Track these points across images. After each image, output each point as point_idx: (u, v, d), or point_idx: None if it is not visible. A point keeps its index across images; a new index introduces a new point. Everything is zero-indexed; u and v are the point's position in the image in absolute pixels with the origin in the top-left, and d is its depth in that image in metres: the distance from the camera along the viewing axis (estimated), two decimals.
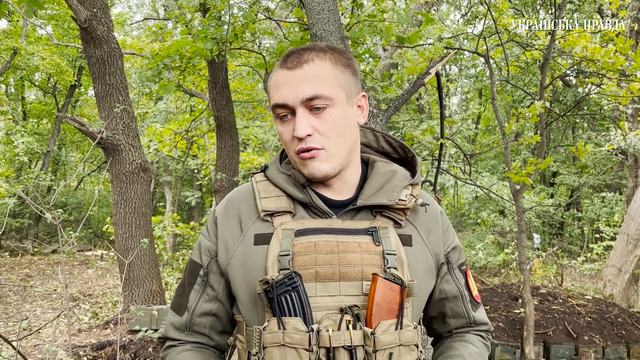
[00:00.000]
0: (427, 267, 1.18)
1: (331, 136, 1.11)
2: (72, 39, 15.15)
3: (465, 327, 1.29)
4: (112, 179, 6.17)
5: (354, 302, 1.06)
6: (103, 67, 5.94)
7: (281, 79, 1.12)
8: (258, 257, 1.12)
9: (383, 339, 1.03)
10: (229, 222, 1.19)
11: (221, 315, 1.22)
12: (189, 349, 1.21)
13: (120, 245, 6.10)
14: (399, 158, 1.30)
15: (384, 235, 1.12)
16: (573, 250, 13.46)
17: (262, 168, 1.25)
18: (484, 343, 1.29)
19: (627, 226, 7.83)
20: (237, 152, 7.77)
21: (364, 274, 1.07)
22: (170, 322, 1.24)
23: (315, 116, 1.10)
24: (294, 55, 1.14)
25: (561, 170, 14.81)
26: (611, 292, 7.66)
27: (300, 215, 1.15)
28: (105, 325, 6.06)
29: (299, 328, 1.03)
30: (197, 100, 9.51)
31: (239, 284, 1.15)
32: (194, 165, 12.57)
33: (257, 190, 1.19)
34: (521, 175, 3.87)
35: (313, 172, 1.12)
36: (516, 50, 10.32)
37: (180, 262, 9.64)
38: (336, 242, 1.10)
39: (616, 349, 5.04)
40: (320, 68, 1.12)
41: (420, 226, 1.20)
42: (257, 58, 9.10)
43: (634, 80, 4.81)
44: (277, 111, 1.13)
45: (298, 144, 1.11)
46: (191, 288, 1.22)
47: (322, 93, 1.09)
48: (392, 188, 1.16)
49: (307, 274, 1.07)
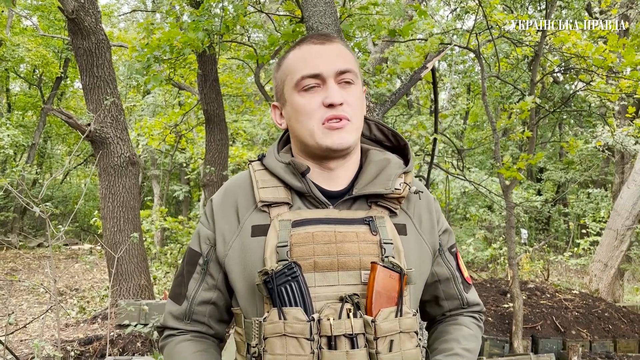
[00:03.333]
0: (422, 254, 1.19)
1: (357, 110, 1.15)
2: (58, 30, 14.94)
3: (458, 309, 1.31)
4: (100, 172, 6.10)
5: (353, 291, 1.07)
6: (91, 59, 5.86)
7: (310, 52, 1.16)
8: (255, 248, 1.11)
9: (384, 327, 1.04)
10: (226, 213, 1.18)
11: (220, 304, 1.21)
12: (188, 338, 1.21)
13: (109, 239, 6.04)
14: (391, 146, 1.30)
15: (380, 224, 1.13)
16: (559, 245, 13.60)
17: (260, 156, 1.24)
18: (477, 324, 1.30)
19: (614, 222, 7.92)
20: (227, 146, 7.72)
21: (362, 263, 1.08)
22: (168, 311, 1.23)
23: (344, 89, 1.14)
24: (319, 34, 1.20)
25: (548, 166, 14.94)
26: (597, 287, 7.75)
27: (297, 205, 1.15)
28: (93, 320, 6.01)
29: (299, 318, 1.03)
30: (186, 94, 9.43)
31: (236, 275, 1.14)
32: (182, 159, 12.48)
33: (255, 180, 1.18)
34: (513, 171, 3.89)
35: (340, 141, 1.13)
36: (505, 46, 10.36)
37: (168, 256, 9.58)
38: (334, 232, 1.10)
39: (603, 343, 5.10)
40: (346, 49, 1.19)
41: (413, 215, 1.21)
42: (247, 51, 9.04)
43: (624, 77, 4.85)
44: (305, 82, 1.14)
45: (328, 111, 1.12)
46: (190, 277, 1.21)
47: (353, 69, 1.15)
48: (387, 177, 1.16)
49: (305, 265, 1.07)
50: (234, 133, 11.64)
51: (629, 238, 7.90)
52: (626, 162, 9.90)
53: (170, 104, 12.01)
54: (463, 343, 1.21)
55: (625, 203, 7.76)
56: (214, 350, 1.22)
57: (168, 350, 1.21)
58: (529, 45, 6.14)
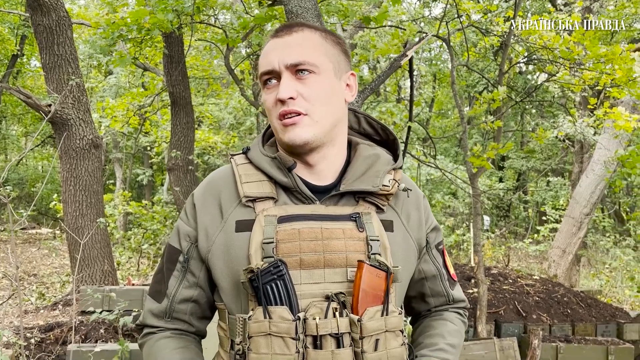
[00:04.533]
0: (408, 252, 1.19)
1: (315, 102, 1.10)
2: (14, 5, 14.29)
3: (444, 305, 1.32)
4: (61, 155, 5.90)
5: (339, 289, 1.06)
6: (51, 36, 5.63)
7: (270, 47, 1.13)
8: (240, 244, 1.09)
9: (369, 326, 1.03)
10: (208, 207, 1.15)
11: (202, 301, 1.19)
12: (168, 335, 1.18)
13: (70, 223, 5.87)
14: (379, 140, 1.28)
15: (367, 220, 1.11)
16: (519, 232, 13.99)
17: (244, 150, 1.20)
18: (461, 320, 1.31)
19: (572, 209, 8.18)
20: (193, 129, 7.58)
21: (349, 261, 1.07)
22: (148, 309, 1.20)
23: (300, 81, 1.09)
24: (285, 26, 1.16)
25: (510, 155, 15.30)
26: (555, 272, 8.02)
27: (282, 200, 1.13)
28: (54, 307, 5.85)
29: (285, 317, 1.01)
30: (151, 75, 9.19)
31: (220, 272, 1.12)
32: (146, 143, 12.20)
33: (238, 174, 1.15)
34: (482, 160, 3.95)
35: (294, 137, 1.09)
36: (472, 36, 10.48)
37: (132, 241, 9.40)
38: (320, 228, 1.08)
39: (562, 327, 5.28)
40: (309, 37, 1.13)
41: (401, 211, 1.20)
42: (214, 33, 8.85)
43: (588, 69, 4.97)
44: (264, 77, 1.12)
45: (280, 107, 1.09)
46: (170, 274, 1.18)
47: (307, 60, 1.09)
48: (375, 173, 1.14)
49: (291, 262, 1.05)
50: (200, 116, 11.44)
51: (586, 225, 8.19)
52: (585, 151, 10.22)
53: (133, 85, 11.69)
54: (448, 338, 1.22)
55: (583, 192, 8.02)
56: (194, 347, 1.19)
57: (147, 348, 1.18)
58: (497, 35, 6.22)
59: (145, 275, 8.33)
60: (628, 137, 7.47)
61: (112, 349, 3.81)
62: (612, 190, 10.42)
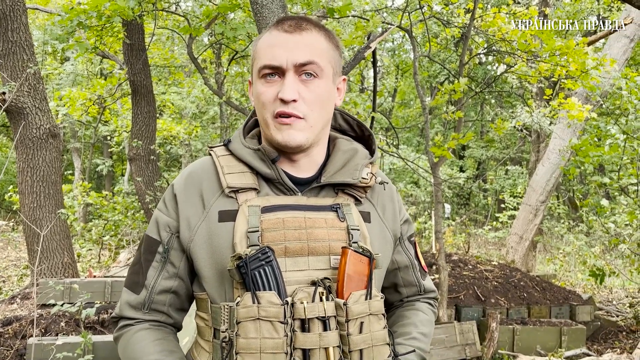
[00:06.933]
0: (385, 242, 1.24)
1: (314, 107, 1.12)
2: None
3: (415, 295, 1.37)
4: (17, 144, 5.73)
5: (323, 275, 1.10)
6: (5, 22, 5.44)
7: (276, 40, 1.12)
8: (224, 234, 1.11)
9: (355, 309, 1.07)
10: (190, 198, 1.16)
11: (181, 292, 1.20)
12: (147, 327, 1.18)
13: (28, 215, 5.72)
14: (355, 136, 1.32)
15: (347, 211, 1.16)
16: (479, 219, 14.35)
17: (225, 142, 1.22)
18: (432, 310, 1.37)
19: (529, 197, 8.46)
20: (154, 118, 7.46)
21: (332, 249, 1.11)
22: (125, 301, 1.20)
23: (304, 84, 1.11)
24: (291, 20, 1.15)
25: (470, 144, 15.63)
26: (513, 258, 8.28)
27: (264, 191, 1.16)
28: (12, 300, 5.70)
29: (273, 301, 1.04)
30: (111, 63, 8.96)
31: (203, 261, 1.13)
32: (105, 132, 11.92)
33: (220, 166, 1.16)
34: (444, 150, 4.05)
35: (288, 139, 1.11)
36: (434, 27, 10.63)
37: (92, 232, 9.20)
38: (304, 218, 1.12)
39: (518, 310, 5.49)
40: (317, 39, 1.14)
41: (377, 204, 1.25)
42: (176, 21, 8.70)
43: (544, 62, 5.14)
44: (264, 70, 1.12)
45: (280, 106, 1.10)
46: (149, 265, 1.18)
47: (317, 61, 1.11)
48: (354, 166, 1.18)
49: (277, 250, 1.08)
50: (162, 105, 11.24)
51: (542, 212, 8.48)
52: (542, 141, 10.55)
53: (92, 73, 11.38)
54: (420, 327, 1.28)
55: (540, 180, 8.29)
56: (172, 339, 1.20)
57: (125, 340, 1.18)
58: (458, 27, 6.34)
59: (106, 267, 8.18)
60: (582, 126, 7.76)
61: (75, 341, 3.75)
62: (567, 178, 10.80)
